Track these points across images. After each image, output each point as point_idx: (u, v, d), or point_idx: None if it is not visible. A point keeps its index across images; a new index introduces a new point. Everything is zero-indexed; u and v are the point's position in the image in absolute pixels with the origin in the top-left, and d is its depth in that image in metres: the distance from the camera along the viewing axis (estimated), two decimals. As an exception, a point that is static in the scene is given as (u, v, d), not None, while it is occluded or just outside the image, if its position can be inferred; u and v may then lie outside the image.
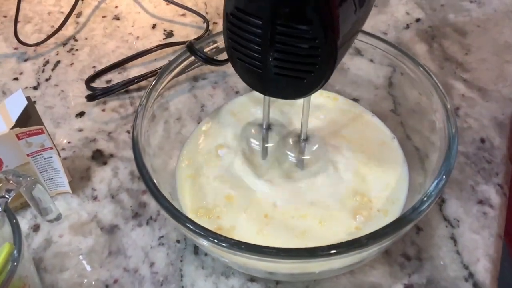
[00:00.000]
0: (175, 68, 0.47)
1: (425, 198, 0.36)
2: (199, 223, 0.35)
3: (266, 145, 0.46)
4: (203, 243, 0.35)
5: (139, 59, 0.60)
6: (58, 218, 0.45)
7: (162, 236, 0.46)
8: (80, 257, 0.45)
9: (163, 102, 0.48)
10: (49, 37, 0.63)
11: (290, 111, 0.51)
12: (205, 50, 0.48)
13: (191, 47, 0.46)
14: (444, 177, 0.37)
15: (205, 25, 0.65)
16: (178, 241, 0.45)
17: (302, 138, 0.45)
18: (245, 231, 0.42)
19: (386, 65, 0.49)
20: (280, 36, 0.32)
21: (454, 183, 0.48)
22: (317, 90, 0.36)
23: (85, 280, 0.43)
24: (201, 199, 0.44)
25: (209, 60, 0.47)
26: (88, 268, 0.44)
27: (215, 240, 0.34)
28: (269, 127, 0.46)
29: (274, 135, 0.47)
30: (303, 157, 0.46)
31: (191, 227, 0.35)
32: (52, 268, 0.44)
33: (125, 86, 0.57)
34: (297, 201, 0.43)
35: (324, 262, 0.34)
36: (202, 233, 0.34)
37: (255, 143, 0.47)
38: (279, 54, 0.33)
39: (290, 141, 0.47)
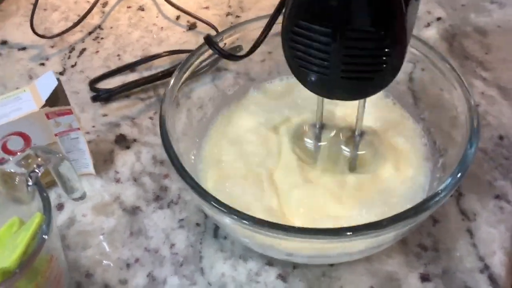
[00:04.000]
0: (198, 57, 0.48)
1: (441, 190, 0.37)
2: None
3: (319, 143, 0.47)
4: (226, 220, 0.36)
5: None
6: (83, 197, 0.46)
7: (183, 219, 0.47)
8: (102, 236, 0.46)
9: (186, 91, 0.49)
10: (74, 25, 0.65)
11: (336, 108, 0.50)
12: (225, 42, 0.49)
13: (209, 41, 0.45)
14: (460, 173, 0.37)
15: (228, 18, 0.66)
16: (198, 224, 0.46)
17: (356, 133, 0.45)
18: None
19: (406, 61, 0.49)
20: (349, 41, 0.33)
21: (472, 178, 0.48)
22: (384, 88, 0.36)
23: (107, 258, 0.44)
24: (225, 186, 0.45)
25: (226, 54, 0.47)
26: (110, 247, 0.45)
27: (238, 217, 0.35)
28: (322, 126, 0.46)
29: (326, 133, 0.47)
30: (358, 152, 0.46)
31: (215, 205, 0.35)
32: (75, 246, 0.45)
33: (129, 89, 0.57)
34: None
35: (343, 243, 0.35)
36: (225, 210, 0.35)
37: (309, 142, 0.47)
38: (349, 58, 0.34)
39: (343, 136, 0.47)
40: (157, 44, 0.64)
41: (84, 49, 0.64)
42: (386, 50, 0.33)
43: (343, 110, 0.49)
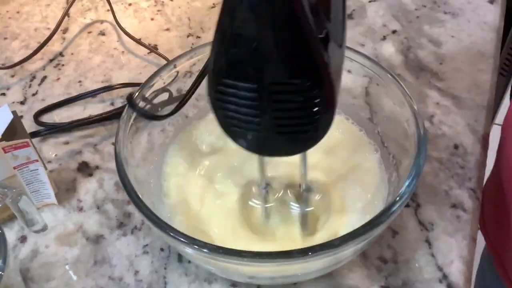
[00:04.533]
0: (155, 82, 0.49)
1: (396, 200, 0.38)
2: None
3: (266, 205, 0.45)
4: (184, 249, 0.36)
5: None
6: (44, 228, 0.46)
7: (147, 245, 0.47)
8: (66, 267, 0.46)
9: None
10: (34, 52, 0.65)
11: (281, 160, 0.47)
12: (178, 71, 0.50)
13: (130, 101, 0.44)
14: (413, 179, 0.38)
15: (189, 39, 0.67)
16: (162, 249, 0.47)
17: (302, 189, 0.43)
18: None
19: (362, 76, 0.51)
20: (277, 95, 0.32)
21: (428, 188, 0.50)
22: (320, 140, 0.35)
23: (71, 289, 0.44)
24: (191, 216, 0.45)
25: (149, 116, 0.46)
26: (74, 277, 0.45)
27: (195, 246, 0.35)
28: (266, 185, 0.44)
29: (273, 192, 0.45)
30: (306, 210, 0.45)
31: (172, 234, 0.36)
32: (39, 278, 0.45)
33: (73, 125, 0.57)
34: None
35: (301, 264, 0.36)
36: (182, 239, 0.36)
37: (256, 203, 0.46)
38: (279, 112, 0.33)
39: (291, 193, 0.46)
40: (119, 68, 0.64)
41: (45, 77, 0.64)
42: (317, 98, 0.32)
43: (286, 166, 0.47)
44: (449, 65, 0.61)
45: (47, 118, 0.59)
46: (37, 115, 0.58)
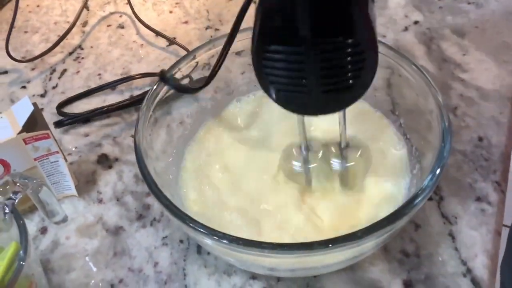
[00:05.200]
0: (176, 71, 0.48)
1: (419, 192, 0.37)
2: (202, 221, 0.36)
3: (309, 166, 0.45)
4: (204, 240, 0.36)
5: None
6: (65, 220, 0.46)
7: (166, 237, 0.47)
8: (86, 258, 0.46)
9: (165, 107, 0.49)
10: (54, 45, 0.65)
11: (316, 122, 0.49)
12: (198, 61, 0.50)
13: (163, 77, 0.44)
14: (437, 171, 0.38)
15: (208, 31, 0.67)
16: (181, 241, 0.46)
17: (342, 146, 0.44)
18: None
19: (384, 67, 0.50)
20: (324, 54, 0.33)
21: (452, 181, 0.48)
22: (365, 92, 0.36)
23: (91, 280, 0.45)
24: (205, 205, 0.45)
25: (182, 89, 0.47)
26: (94, 268, 0.45)
27: (215, 237, 0.35)
28: (307, 148, 0.44)
29: (313, 153, 0.45)
30: (347, 164, 0.45)
31: (191, 224, 0.36)
32: (59, 269, 0.46)
33: (96, 113, 0.57)
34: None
35: (322, 256, 0.35)
36: (202, 230, 0.35)
37: (297, 165, 0.45)
38: (326, 72, 0.34)
39: (332, 150, 0.45)
40: (137, 61, 0.64)
41: (65, 70, 0.64)
42: (361, 54, 0.33)
43: (324, 127, 0.48)
44: (473, 56, 0.60)
45: (67, 110, 0.59)
46: (60, 107, 0.58)
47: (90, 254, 0.46)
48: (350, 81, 0.35)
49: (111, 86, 0.60)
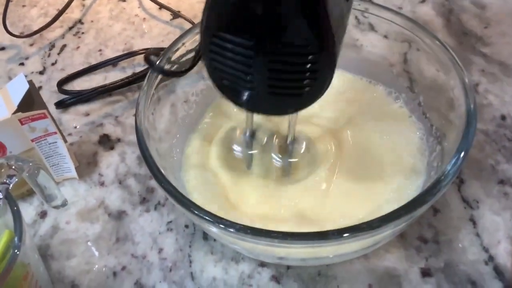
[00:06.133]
0: (179, 47, 0.45)
1: (442, 178, 0.34)
2: (206, 207, 0.34)
3: (250, 152, 0.43)
4: (210, 228, 0.34)
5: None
6: (64, 204, 0.44)
7: (171, 222, 0.45)
8: (88, 244, 0.44)
9: (169, 85, 0.47)
10: (53, 20, 0.62)
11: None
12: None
13: (149, 60, 0.41)
14: (461, 155, 0.35)
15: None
16: (187, 226, 0.44)
17: (289, 141, 0.41)
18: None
19: (401, 41, 0.47)
20: (275, 55, 0.30)
21: (473, 162, 0.46)
22: (314, 102, 0.33)
23: (93, 267, 0.43)
24: (208, 186, 0.43)
25: (168, 73, 0.43)
26: (96, 255, 0.43)
27: (221, 225, 0.32)
28: (253, 133, 0.43)
29: (259, 139, 0.43)
30: (290, 160, 0.42)
31: (196, 212, 0.33)
32: (59, 255, 0.44)
33: (99, 93, 0.54)
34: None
35: (335, 246, 0.33)
36: (208, 218, 0.33)
37: (237, 150, 0.44)
38: (273, 74, 0.31)
39: (276, 143, 0.43)
40: (140, 36, 0.61)
41: (64, 46, 0.61)
42: (314, 63, 0.30)
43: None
44: (494, 29, 0.56)
45: (67, 88, 0.56)
46: (60, 84, 0.56)
47: (92, 240, 0.44)
48: (299, 89, 0.32)
49: (113, 62, 0.57)
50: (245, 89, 0.32)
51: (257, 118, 0.42)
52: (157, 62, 0.43)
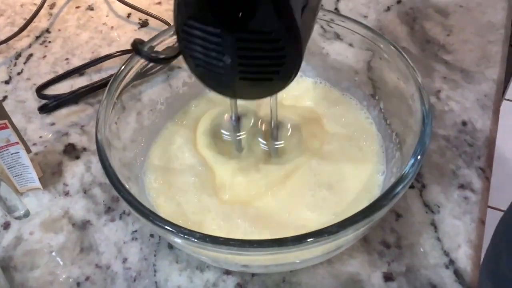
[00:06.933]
0: (156, 44, 0.45)
1: (399, 180, 0.35)
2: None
3: (238, 136, 0.44)
4: (170, 238, 0.34)
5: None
6: (26, 215, 0.43)
7: (136, 231, 0.45)
8: (51, 254, 0.44)
9: (135, 93, 0.47)
10: (20, 30, 0.62)
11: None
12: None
13: (136, 47, 0.40)
14: (418, 156, 0.35)
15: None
16: (152, 236, 0.44)
17: (273, 125, 0.43)
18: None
19: (365, 49, 0.48)
20: (241, 42, 0.31)
21: (435, 167, 0.46)
22: (285, 87, 0.34)
23: (56, 278, 0.42)
24: (173, 197, 0.43)
25: (156, 59, 0.44)
26: (59, 265, 0.43)
27: (181, 234, 0.32)
28: (238, 118, 0.44)
29: (245, 123, 0.45)
30: (276, 144, 0.44)
31: (156, 222, 0.33)
32: (23, 267, 0.43)
33: (79, 95, 0.54)
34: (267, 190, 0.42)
35: (295, 252, 0.33)
36: (168, 228, 0.33)
37: (226, 134, 0.45)
38: (242, 60, 0.32)
39: (262, 128, 0.44)
40: (107, 44, 0.61)
41: (31, 55, 0.61)
42: (281, 49, 0.31)
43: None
44: (457, 36, 0.58)
45: (34, 98, 0.56)
46: (39, 89, 0.56)
47: (55, 250, 0.44)
48: (268, 74, 0.33)
49: (80, 71, 0.57)
50: (219, 75, 0.33)
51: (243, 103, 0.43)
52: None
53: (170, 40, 0.46)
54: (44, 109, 0.54)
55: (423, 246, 0.42)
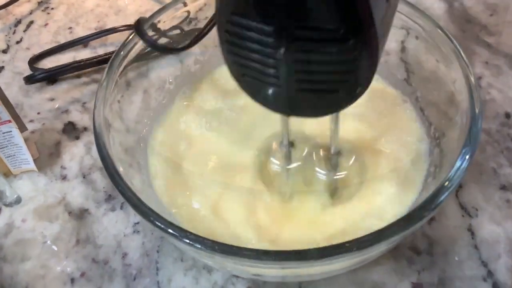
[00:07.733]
0: (161, 20, 0.40)
1: (443, 186, 0.30)
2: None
3: (289, 166, 0.37)
4: (174, 242, 0.30)
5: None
6: (18, 201, 0.40)
7: (138, 223, 0.40)
8: (45, 245, 0.40)
9: (142, 69, 0.42)
10: (21, -6, 0.57)
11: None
12: (189, 10, 0.42)
13: (139, 28, 0.35)
14: (466, 157, 0.30)
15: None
16: (155, 229, 0.40)
17: (332, 152, 0.36)
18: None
19: (399, 27, 0.42)
20: (301, 43, 0.24)
21: (473, 165, 0.41)
22: (353, 102, 0.27)
23: (49, 272, 0.38)
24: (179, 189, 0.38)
25: (161, 48, 0.38)
26: (52, 258, 0.39)
27: (185, 239, 0.28)
28: (291, 144, 0.36)
29: (298, 152, 0.37)
30: (336, 176, 0.37)
31: (157, 223, 0.29)
32: (13, 257, 0.39)
33: (71, 70, 0.50)
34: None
35: (316, 266, 0.29)
36: (170, 231, 0.29)
37: (276, 163, 0.38)
38: (301, 65, 0.25)
39: (320, 155, 0.38)
40: (114, 13, 0.56)
41: (31, 22, 0.56)
42: (351, 52, 0.24)
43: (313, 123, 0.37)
44: (501, 16, 0.52)
45: (32, 70, 0.51)
46: (32, 61, 0.51)
47: (49, 241, 0.40)
48: (335, 85, 0.26)
49: (83, 42, 0.52)
50: (270, 85, 0.27)
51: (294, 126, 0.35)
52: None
53: (178, 13, 0.40)
54: (30, 81, 0.49)
55: (458, 255, 0.37)
